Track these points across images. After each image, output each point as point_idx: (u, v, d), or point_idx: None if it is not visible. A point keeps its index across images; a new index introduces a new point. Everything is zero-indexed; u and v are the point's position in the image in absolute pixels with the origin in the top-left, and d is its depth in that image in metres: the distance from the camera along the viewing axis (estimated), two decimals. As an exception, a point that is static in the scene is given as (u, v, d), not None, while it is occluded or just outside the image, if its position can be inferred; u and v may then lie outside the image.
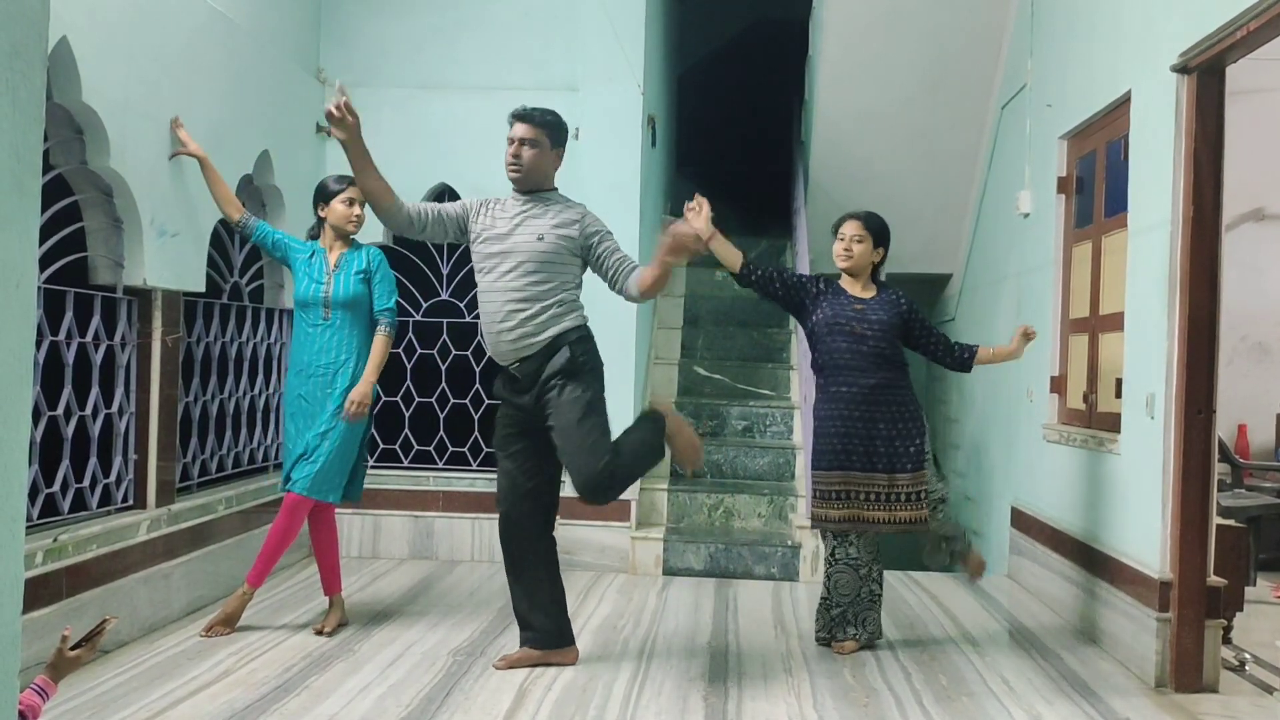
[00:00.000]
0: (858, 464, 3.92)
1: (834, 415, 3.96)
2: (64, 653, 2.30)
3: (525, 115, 3.63)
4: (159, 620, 4.02)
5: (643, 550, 5.29)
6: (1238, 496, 5.69)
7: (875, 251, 4.05)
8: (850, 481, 3.92)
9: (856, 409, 3.91)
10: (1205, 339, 3.58)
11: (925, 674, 3.71)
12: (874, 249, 4.05)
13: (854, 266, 4.04)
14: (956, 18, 5.81)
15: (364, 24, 5.64)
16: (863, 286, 4.05)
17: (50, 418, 3.57)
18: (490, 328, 3.59)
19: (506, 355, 3.58)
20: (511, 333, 3.53)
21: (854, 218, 4.08)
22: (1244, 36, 3.22)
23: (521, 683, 3.49)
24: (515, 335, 3.53)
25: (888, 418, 3.91)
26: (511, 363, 3.58)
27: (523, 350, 3.54)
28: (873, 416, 3.91)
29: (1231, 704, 3.48)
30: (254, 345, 5.07)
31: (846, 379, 3.94)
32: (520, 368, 3.56)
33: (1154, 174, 3.78)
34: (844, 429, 3.93)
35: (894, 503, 3.90)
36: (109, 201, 3.81)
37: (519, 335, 3.53)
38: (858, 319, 3.95)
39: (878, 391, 3.91)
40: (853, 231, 4.04)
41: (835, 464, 3.94)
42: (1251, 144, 5.88)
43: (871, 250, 4.04)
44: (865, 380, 3.91)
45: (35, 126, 1.26)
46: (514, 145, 3.61)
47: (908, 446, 3.91)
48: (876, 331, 3.93)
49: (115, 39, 3.68)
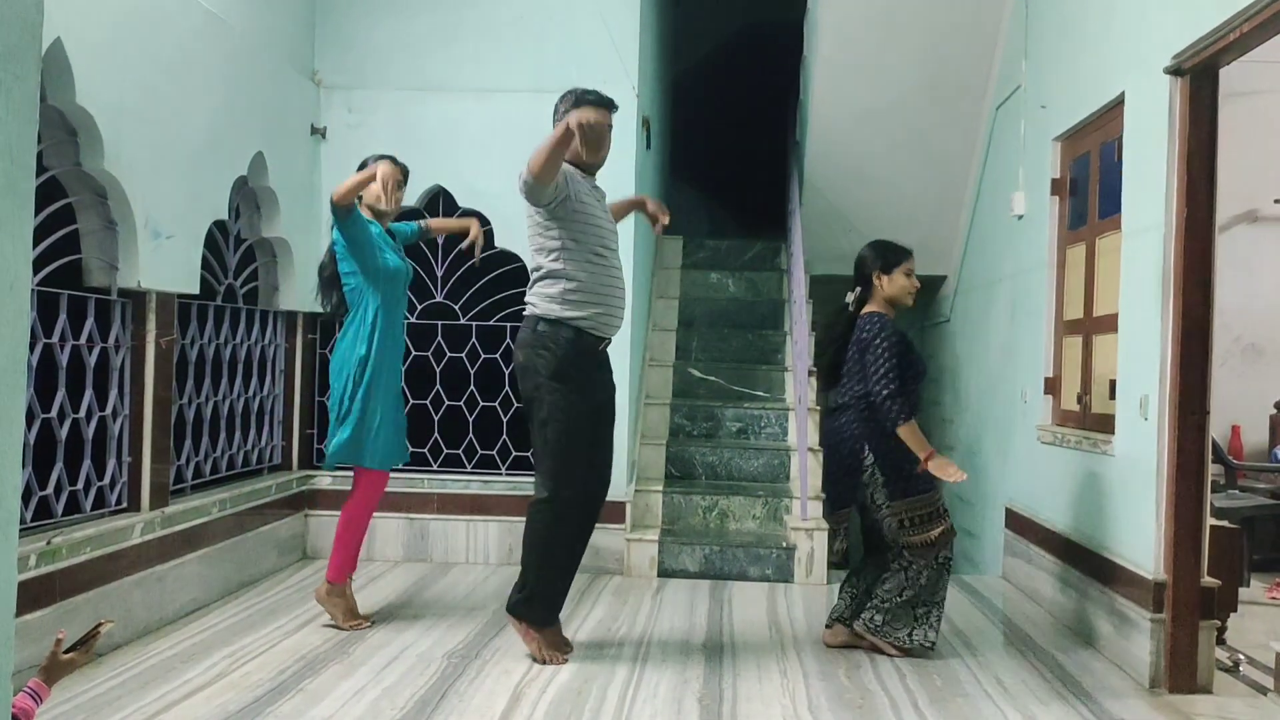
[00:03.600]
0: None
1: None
2: (58, 656, 2.29)
3: (613, 105, 3.79)
4: (153, 623, 4.01)
5: (638, 552, 5.29)
6: (1231, 497, 5.70)
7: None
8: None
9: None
10: (1199, 340, 3.59)
11: (920, 675, 3.71)
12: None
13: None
14: (951, 19, 5.82)
15: (359, 26, 5.64)
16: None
17: (44, 420, 3.57)
18: (613, 296, 3.70)
19: (615, 327, 3.74)
20: (624, 307, 3.77)
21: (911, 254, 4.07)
22: (1237, 39, 3.23)
23: (516, 685, 3.48)
24: (624, 309, 3.78)
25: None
26: (609, 339, 3.75)
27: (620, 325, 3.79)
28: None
29: (1226, 705, 3.49)
30: (248, 347, 5.06)
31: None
32: (607, 345, 3.76)
33: (1147, 176, 3.79)
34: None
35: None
36: (103, 204, 3.80)
37: (624, 310, 3.78)
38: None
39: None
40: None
41: (930, 485, 3.89)
42: (1245, 146, 5.90)
43: None
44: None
45: (29, 128, 1.26)
46: (604, 134, 3.74)
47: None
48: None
49: (110, 41, 3.67)
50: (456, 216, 5.35)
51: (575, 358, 3.64)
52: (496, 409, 5.60)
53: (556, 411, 3.63)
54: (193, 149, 4.27)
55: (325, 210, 5.54)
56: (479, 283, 5.61)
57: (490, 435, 5.61)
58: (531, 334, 3.67)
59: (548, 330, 3.63)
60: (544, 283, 3.67)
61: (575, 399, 3.65)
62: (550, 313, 3.63)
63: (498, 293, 5.58)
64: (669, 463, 5.93)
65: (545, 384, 3.63)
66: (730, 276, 7.37)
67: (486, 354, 5.60)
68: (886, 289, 3.98)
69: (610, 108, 3.76)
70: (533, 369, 3.65)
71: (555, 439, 3.65)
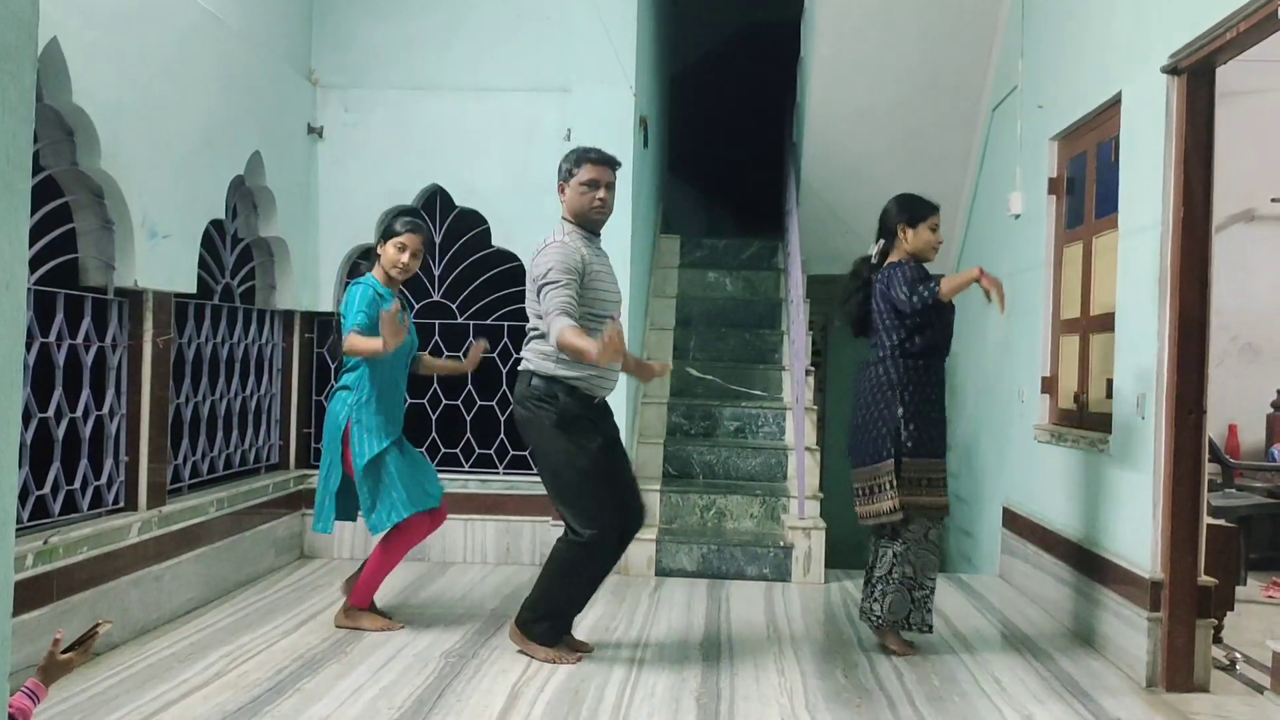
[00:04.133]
0: (943, 449, 3.94)
1: (938, 401, 3.94)
2: (56, 656, 2.29)
3: (616, 162, 3.74)
4: (150, 622, 4.01)
5: (635, 551, 5.28)
6: (1228, 496, 5.71)
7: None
8: (942, 466, 3.93)
9: (942, 392, 3.97)
10: (1196, 339, 3.59)
11: (918, 674, 3.71)
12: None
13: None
14: (948, 19, 5.82)
15: (356, 25, 5.63)
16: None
17: (41, 420, 3.56)
18: (605, 368, 3.66)
19: (607, 390, 3.76)
20: (619, 370, 3.79)
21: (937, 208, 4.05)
22: (1234, 38, 3.23)
23: (514, 684, 3.48)
24: (618, 372, 3.80)
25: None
26: (606, 395, 3.78)
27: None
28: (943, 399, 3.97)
29: (1222, 704, 3.49)
30: (245, 346, 5.06)
31: (941, 361, 3.92)
32: (601, 398, 3.79)
33: (1144, 175, 3.80)
34: (942, 415, 3.94)
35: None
36: (100, 203, 3.80)
37: (618, 373, 3.83)
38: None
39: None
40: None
41: (941, 450, 3.92)
42: (1241, 145, 5.91)
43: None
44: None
45: (25, 127, 1.26)
46: (603, 190, 3.68)
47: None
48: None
49: (106, 40, 3.67)
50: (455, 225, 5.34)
51: (575, 406, 3.64)
52: (494, 408, 5.60)
53: (566, 458, 3.62)
54: (189, 148, 4.27)
55: (322, 210, 5.55)
56: (476, 282, 5.61)
57: (488, 434, 5.61)
58: (527, 388, 3.67)
59: (542, 385, 3.64)
60: (538, 341, 3.67)
61: (583, 441, 3.64)
62: (544, 370, 3.64)
63: (495, 292, 5.57)
64: (666, 462, 5.93)
65: (550, 432, 3.62)
66: (728, 275, 7.37)
67: (483, 354, 5.59)
68: (911, 242, 3.98)
69: (612, 165, 3.73)
70: (536, 421, 3.64)
71: (577, 482, 3.64)
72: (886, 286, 3.92)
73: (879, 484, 3.88)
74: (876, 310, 3.99)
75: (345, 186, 5.58)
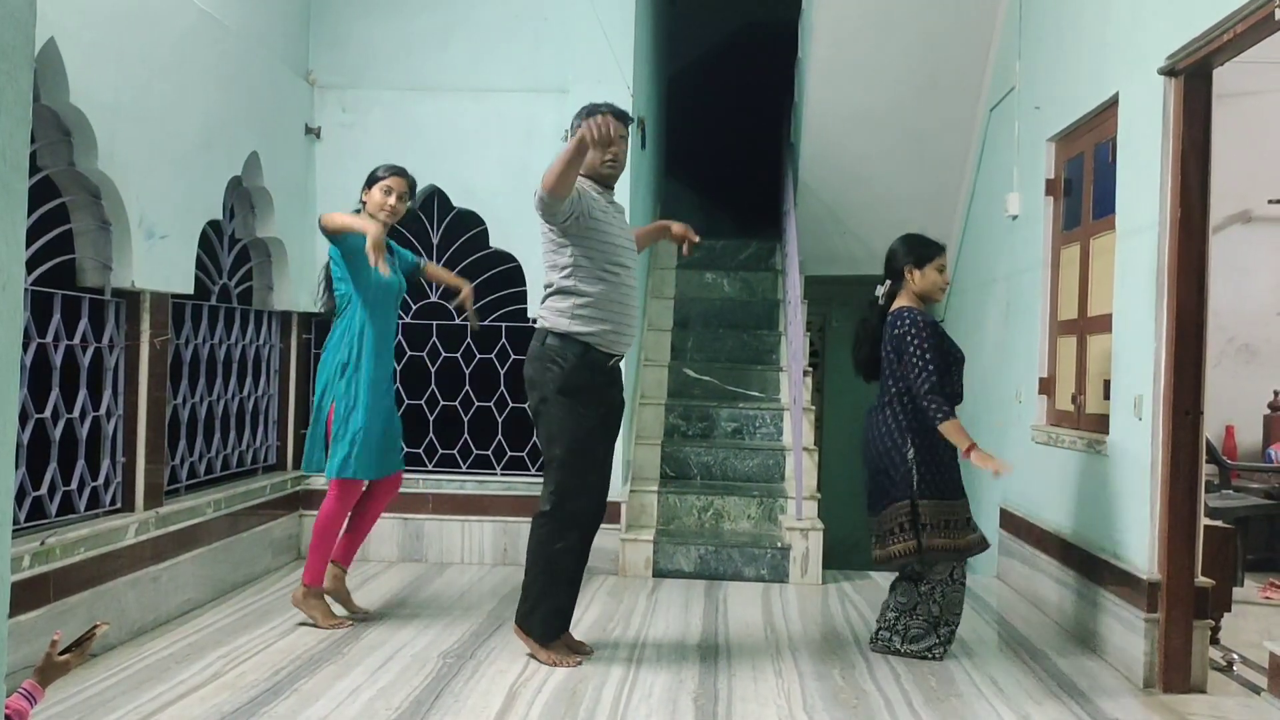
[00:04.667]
0: (959, 490, 3.96)
1: (949, 443, 3.92)
2: (53, 657, 2.29)
3: (627, 117, 3.76)
4: (147, 623, 4.01)
5: (632, 552, 5.29)
6: (1225, 497, 5.71)
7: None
8: (963, 507, 3.94)
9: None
10: (1193, 340, 3.60)
11: (914, 676, 3.71)
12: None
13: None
14: (945, 20, 5.82)
15: (354, 26, 5.63)
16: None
17: (38, 420, 3.56)
18: (624, 314, 3.68)
19: (625, 345, 3.72)
20: (635, 324, 3.76)
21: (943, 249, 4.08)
22: (1230, 40, 3.23)
23: (511, 685, 3.48)
24: (635, 327, 3.76)
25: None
26: (621, 355, 3.73)
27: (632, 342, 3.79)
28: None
29: (1219, 704, 3.50)
30: (243, 347, 5.05)
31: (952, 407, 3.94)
32: (618, 361, 3.74)
33: (1141, 176, 3.80)
34: (954, 457, 3.94)
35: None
36: (97, 203, 3.80)
37: (635, 327, 3.77)
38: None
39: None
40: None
41: (958, 491, 3.93)
42: (1238, 146, 5.92)
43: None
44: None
45: (22, 128, 1.25)
46: (615, 145, 3.66)
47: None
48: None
49: (103, 40, 3.67)
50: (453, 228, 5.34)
51: (583, 372, 3.61)
52: (491, 409, 5.60)
53: (562, 427, 3.61)
54: (187, 149, 4.27)
55: (320, 210, 5.53)
56: (474, 282, 5.60)
57: (485, 435, 5.60)
58: (540, 347, 3.65)
59: (556, 344, 3.61)
60: (555, 298, 3.65)
61: (581, 413, 3.62)
62: (559, 326, 3.61)
63: (492, 293, 5.57)
64: (664, 463, 5.93)
65: (552, 398, 3.61)
66: (725, 276, 7.37)
67: (481, 354, 5.60)
68: (918, 284, 3.98)
69: (624, 119, 3.72)
70: (539, 382, 3.64)
71: (562, 454, 3.63)
72: (900, 342, 3.87)
73: (892, 527, 3.87)
74: (885, 355, 3.96)
75: (343, 187, 5.55)
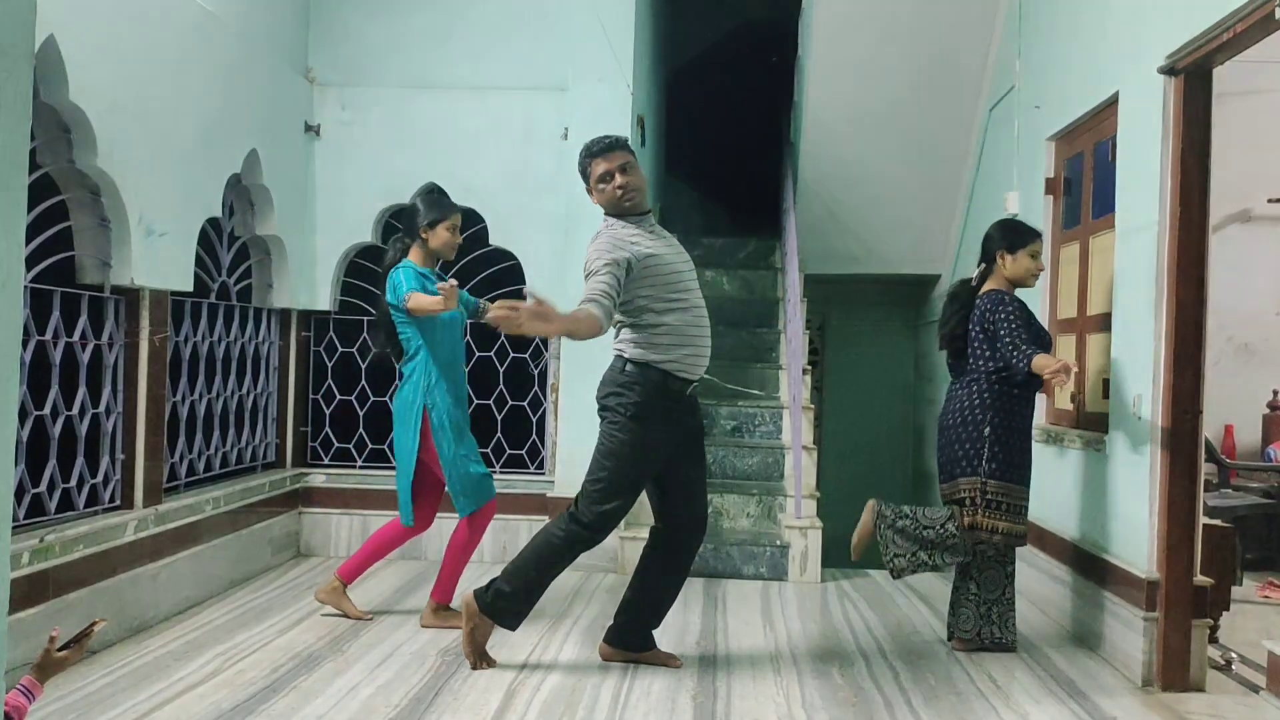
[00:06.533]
0: (1027, 477, 4.00)
1: (1026, 430, 3.97)
2: (52, 654, 2.29)
3: (618, 144, 3.65)
4: (146, 621, 4.01)
5: (631, 550, 5.28)
6: (1224, 496, 5.72)
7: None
8: (1024, 494, 3.99)
9: (1030, 422, 4.01)
10: (1192, 340, 3.60)
11: (913, 674, 3.72)
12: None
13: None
14: (945, 19, 5.82)
15: (353, 23, 5.63)
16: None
17: (37, 417, 3.56)
18: (699, 337, 3.63)
19: (702, 368, 3.67)
20: (709, 345, 3.69)
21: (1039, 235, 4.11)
22: (1230, 39, 3.23)
23: (510, 683, 3.48)
24: (709, 347, 3.69)
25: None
26: (698, 380, 3.67)
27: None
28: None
29: (1218, 703, 3.50)
30: (242, 345, 5.05)
31: (1034, 392, 3.95)
32: (694, 387, 3.69)
33: (1141, 175, 3.80)
34: (1028, 444, 3.98)
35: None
36: (96, 201, 3.80)
37: (709, 348, 3.69)
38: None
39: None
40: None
41: (1026, 478, 3.97)
42: (1238, 146, 5.92)
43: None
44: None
45: (22, 125, 1.26)
46: (619, 177, 3.59)
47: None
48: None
49: (103, 38, 3.67)
50: None
51: (659, 401, 3.56)
52: (490, 407, 5.60)
53: (622, 451, 3.54)
54: (186, 146, 4.27)
55: (319, 208, 5.54)
56: (474, 280, 5.61)
57: (484, 434, 5.60)
58: (619, 374, 3.58)
59: (635, 372, 3.55)
60: (628, 330, 3.60)
61: (646, 441, 3.56)
62: (638, 356, 3.56)
63: (493, 290, 5.57)
64: (663, 461, 5.92)
65: (623, 423, 3.54)
66: (725, 275, 7.37)
67: (481, 353, 5.60)
68: (1009, 268, 4.02)
69: (617, 148, 3.64)
70: (612, 409, 3.58)
71: (609, 475, 3.56)
72: (990, 319, 3.91)
73: (959, 500, 3.95)
74: (973, 334, 4.01)
75: (342, 185, 5.58)
